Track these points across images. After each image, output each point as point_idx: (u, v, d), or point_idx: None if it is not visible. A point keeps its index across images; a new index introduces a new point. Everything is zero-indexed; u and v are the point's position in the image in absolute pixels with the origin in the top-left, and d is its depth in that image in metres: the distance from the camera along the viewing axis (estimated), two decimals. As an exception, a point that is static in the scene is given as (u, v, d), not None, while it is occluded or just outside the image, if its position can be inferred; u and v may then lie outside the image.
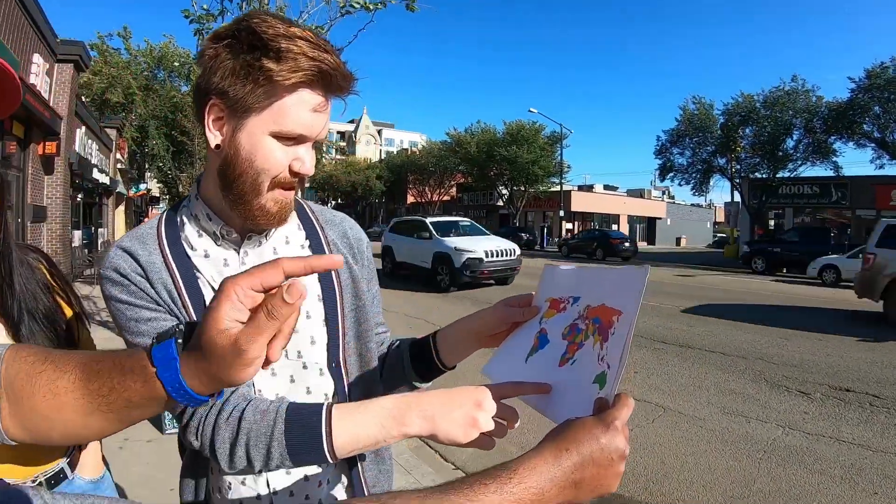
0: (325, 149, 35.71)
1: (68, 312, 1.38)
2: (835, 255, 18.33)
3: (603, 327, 0.76)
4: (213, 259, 0.95)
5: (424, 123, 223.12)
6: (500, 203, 44.74)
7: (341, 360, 1.01)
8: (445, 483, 0.60)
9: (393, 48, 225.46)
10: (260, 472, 0.87)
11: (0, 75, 0.53)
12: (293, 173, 0.88)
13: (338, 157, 69.44)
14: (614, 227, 44.40)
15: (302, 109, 0.84)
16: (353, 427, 0.79)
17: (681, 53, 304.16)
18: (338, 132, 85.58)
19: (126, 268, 0.90)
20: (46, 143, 11.56)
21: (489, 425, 0.79)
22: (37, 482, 1.07)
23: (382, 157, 74.16)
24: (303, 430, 0.81)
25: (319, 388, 0.99)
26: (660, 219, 51.40)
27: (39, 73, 10.71)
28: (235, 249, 0.97)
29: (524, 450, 0.62)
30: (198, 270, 0.94)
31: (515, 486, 0.59)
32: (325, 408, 0.81)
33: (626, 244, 28.52)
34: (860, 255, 11.97)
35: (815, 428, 4.78)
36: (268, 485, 0.96)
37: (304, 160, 0.88)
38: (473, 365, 1.02)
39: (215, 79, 0.84)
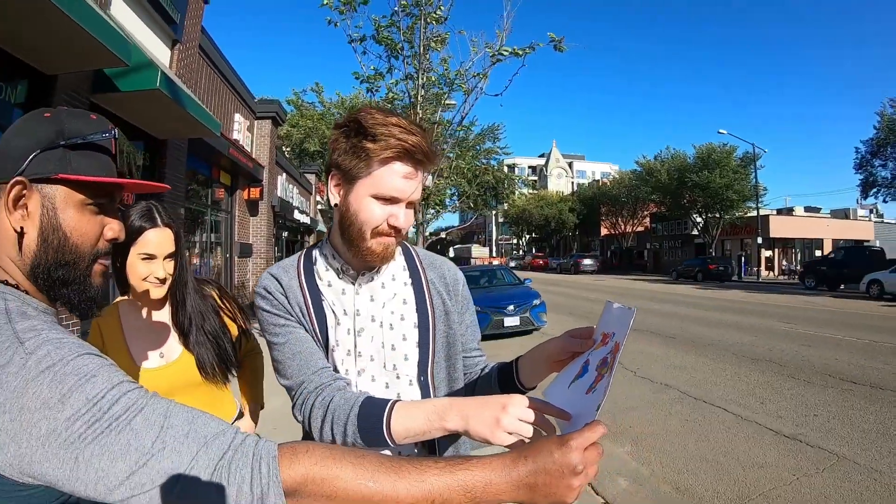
0: (516, 183, 36.17)
1: (234, 329, 1.82)
2: None
3: (614, 360, 0.88)
4: (334, 288, 1.23)
5: (614, 153, 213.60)
6: (695, 232, 40.92)
7: (429, 375, 1.23)
8: (409, 456, 0.76)
9: (579, 80, 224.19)
10: None
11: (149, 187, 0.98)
12: (390, 226, 1.13)
13: (529, 191, 69.94)
14: (818, 252, 38.79)
15: (394, 177, 1.10)
16: (406, 419, 1.01)
17: (874, 54, 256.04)
18: (528, 167, 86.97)
19: (272, 288, 1.21)
20: (251, 189, 13.48)
21: (513, 426, 0.93)
22: None
23: (574, 190, 73.50)
24: (370, 416, 1.03)
25: (408, 396, 1.20)
26: (867, 241, 42.72)
27: (241, 130, 12.60)
28: (352, 282, 1.23)
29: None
30: (322, 295, 1.22)
31: (464, 472, 0.71)
32: (390, 402, 1.03)
33: (722, 268, 31.64)
34: None
35: None
36: None
37: (398, 216, 1.12)
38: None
39: (334, 156, 1.14)
